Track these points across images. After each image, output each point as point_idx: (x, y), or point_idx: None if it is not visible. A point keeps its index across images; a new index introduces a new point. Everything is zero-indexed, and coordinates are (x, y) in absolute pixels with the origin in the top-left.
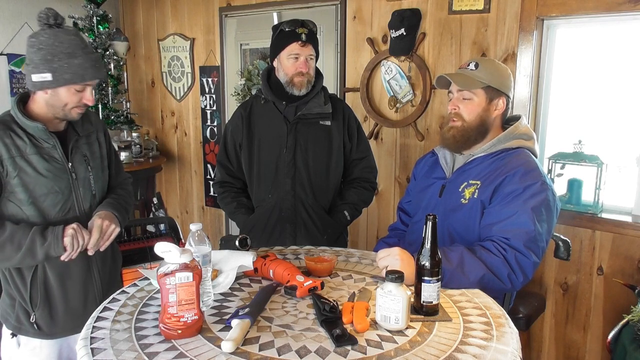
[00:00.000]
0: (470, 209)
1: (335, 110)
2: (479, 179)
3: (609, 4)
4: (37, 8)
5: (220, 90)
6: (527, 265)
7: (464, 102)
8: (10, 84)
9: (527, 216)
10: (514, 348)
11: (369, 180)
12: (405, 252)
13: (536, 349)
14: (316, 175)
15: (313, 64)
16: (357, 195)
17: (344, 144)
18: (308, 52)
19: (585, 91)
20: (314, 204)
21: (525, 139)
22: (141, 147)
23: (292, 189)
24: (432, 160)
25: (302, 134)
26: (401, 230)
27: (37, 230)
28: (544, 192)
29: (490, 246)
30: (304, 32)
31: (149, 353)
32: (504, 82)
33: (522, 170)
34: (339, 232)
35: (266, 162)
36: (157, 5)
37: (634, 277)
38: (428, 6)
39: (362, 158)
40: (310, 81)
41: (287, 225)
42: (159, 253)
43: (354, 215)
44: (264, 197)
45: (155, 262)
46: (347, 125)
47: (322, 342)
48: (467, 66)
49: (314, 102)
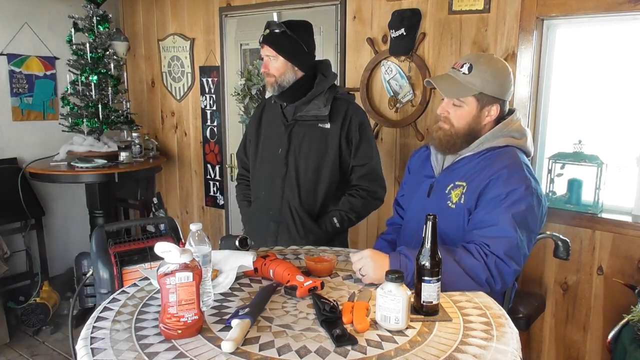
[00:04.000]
0: (457, 215)
1: (336, 113)
2: (465, 180)
3: (609, 4)
4: (37, 8)
5: (220, 90)
6: (507, 272)
7: (453, 108)
8: (10, 84)
9: (508, 223)
10: (514, 348)
11: (367, 188)
12: (376, 252)
13: (536, 349)
14: (305, 178)
15: (275, 65)
16: (350, 204)
17: (341, 148)
18: (265, 53)
19: (585, 91)
20: (299, 207)
21: (516, 137)
22: (141, 147)
23: (281, 190)
24: (425, 155)
25: (297, 135)
26: (398, 224)
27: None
28: (528, 197)
29: (472, 249)
30: (263, 34)
31: (149, 353)
32: (500, 87)
33: (506, 173)
34: (324, 239)
35: (265, 160)
36: (157, 5)
37: (634, 277)
38: (428, 6)
39: (363, 165)
40: (278, 83)
41: (272, 224)
42: (159, 253)
43: (345, 223)
44: (259, 193)
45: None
46: (347, 129)
47: (322, 342)
48: (461, 68)
49: (313, 104)
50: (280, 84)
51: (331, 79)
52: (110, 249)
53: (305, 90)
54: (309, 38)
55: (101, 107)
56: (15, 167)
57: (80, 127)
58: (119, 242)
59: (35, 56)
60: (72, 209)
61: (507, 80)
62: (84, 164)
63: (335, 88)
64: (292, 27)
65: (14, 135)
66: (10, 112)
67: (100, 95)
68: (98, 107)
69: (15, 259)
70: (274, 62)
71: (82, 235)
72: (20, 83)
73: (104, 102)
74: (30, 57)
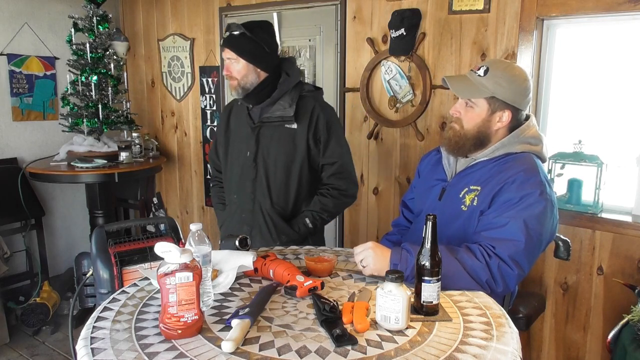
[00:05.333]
0: (469, 217)
1: (302, 112)
2: (480, 184)
3: (608, 4)
4: (37, 8)
5: (220, 90)
6: (509, 276)
7: (465, 109)
8: (10, 84)
9: (517, 227)
10: (514, 348)
11: (337, 187)
12: (379, 245)
13: (536, 349)
14: (275, 180)
15: (237, 67)
16: (320, 203)
17: (309, 148)
18: (226, 56)
19: (585, 91)
20: (270, 210)
21: (532, 143)
22: (141, 147)
23: (252, 192)
24: (436, 159)
25: (265, 137)
26: (403, 226)
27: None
28: (541, 203)
29: (475, 249)
30: (224, 36)
31: (149, 353)
32: (513, 94)
33: (522, 177)
34: (298, 241)
35: (234, 163)
36: (157, 6)
37: (634, 277)
38: (428, 6)
39: (333, 163)
40: (241, 86)
41: (245, 227)
42: (159, 253)
43: (317, 223)
44: (231, 197)
45: (155, 262)
46: (314, 128)
47: (322, 342)
48: (477, 70)
49: (278, 104)
50: (243, 86)
51: (295, 77)
52: (110, 249)
53: (269, 92)
54: (269, 38)
55: (101, 107)
56: (15, 167)
57: (80, 127)
58: (119, 242)
59: (35, 56)
60: (72, 209)
61: (522, 88)
62: (84, 164)
63: (302, 85)
64: (251, 29)
65: (14, 135)
66: (10, 112)
67: (100, 95)
68: (98, 107)
69: (15, 259)
70: (236, 65)
71: (82, 235)
72: (20, 83)
73: (104, 102)
74: (30, 57)
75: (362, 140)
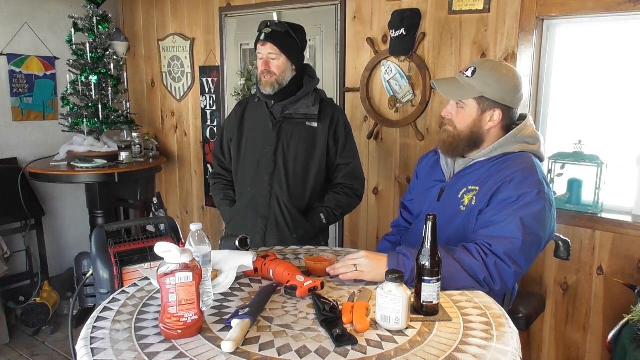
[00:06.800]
0: (467, 217)
1: (323, 113)
2: (478, 184)
3: (608, 4)
4: (37, 8)
5: (220, 90)
6: (507, 273)
7: (457, 110)
8: (10, 84)
9: (514, 225)
10: (514, 348)
11: (351, 187)
12: (372, 252)
13: (536, 349)
14: (294, 174)
15: (277, 63)
16: (336, 201)
17: (328, 147)
18: (267, 51)
19: (585, 91)
20: (288, 202)
21: (530, 142)
22: (141, 147)
23: (269, 185)
24: (434, 160)
25: (286, 132)
26: (403, 227)
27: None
28: (539, 202)
29: (472, 248)
30: (265, 32)
31: (149, 353)
32: (502, 92)
33: (520, 176)
34: (311, 235)
35: (250, 157)
36: (157, 6)
37: (634, 277)
38: (428, 6)
39: (348, 164)
40: (278, 82)
41: (260, 220)
42: (159, 253)
43: (330, 219)
44: (244, 190)
45: (155, 262)
46: (334, 128)
47: (322, 342)
48: (465, 71)
49: (302, 103)
50: (280, 82)
51: (317, 81)
52: (110, 249)
53: (294, 90)
54: (305, 41)
55: (101, 107)
56: (15, 167)
57: (80, 127)
58: (119, 242)
59: (35, 56)
60: (72, 209)
61: (512, 86)
62: (84, 164)
63: (319, 91)
64: (294, 29)
65: (14, 135)
66: (10, 112)
67: (100, 95)
68: (98, 107)
69: (15, 259)
70: (276, 61)
71: (82, 235)
72: (20, 83)
73: (104, 102)
74: (30, 57)
75: (362, 140)
